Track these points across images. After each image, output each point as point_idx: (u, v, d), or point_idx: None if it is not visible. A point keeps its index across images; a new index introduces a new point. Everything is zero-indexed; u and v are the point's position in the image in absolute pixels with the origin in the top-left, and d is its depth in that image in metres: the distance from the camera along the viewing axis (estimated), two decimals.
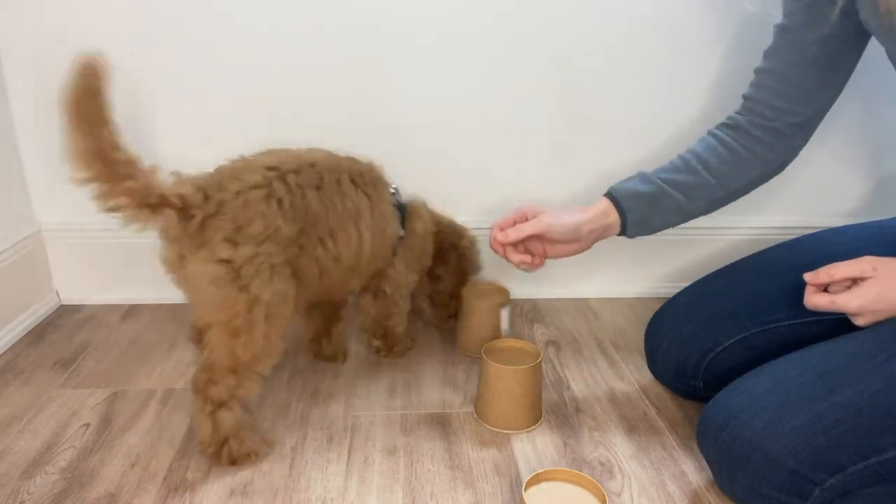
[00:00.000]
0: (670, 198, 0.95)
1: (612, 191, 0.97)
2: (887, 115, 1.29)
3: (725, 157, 0.96)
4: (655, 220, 0.97)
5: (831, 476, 0.70)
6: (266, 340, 0.82)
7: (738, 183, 0.97)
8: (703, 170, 0.96)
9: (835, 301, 0.78)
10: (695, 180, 0.96)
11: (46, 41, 1.14)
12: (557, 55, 1.21)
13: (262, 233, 0.80)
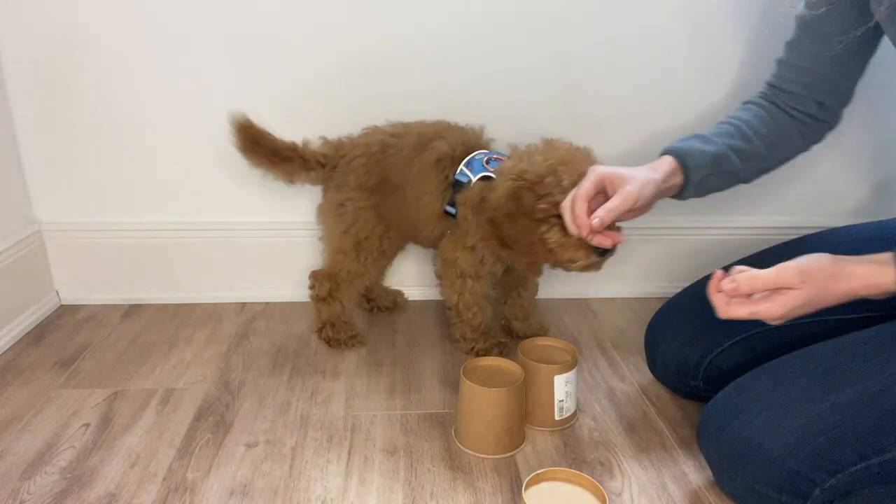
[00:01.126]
0: (730, 162, 0.94)
1: (676, 150, 0.93)
2: (887, 115, 1.29)
3: (773, 127, 0.96)
4: (711, 183, 0.95)
5: (831, 476, 0.70)
6: (356, 263, 1.11)
7: (783, 154, 0.98)
8: (755, 137, 0.95)
9: (755, 311, 0.74)
10: (749, 148, 0.95)
11: (46, 41, 1.14)
12: (557, 55, 1.20)
13: (354, 183, 1.07)
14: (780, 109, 0.97)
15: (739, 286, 0.75)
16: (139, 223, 1.27)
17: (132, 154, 1.22)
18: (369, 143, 1.08)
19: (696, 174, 0.92)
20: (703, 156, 0.92)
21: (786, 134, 0.97)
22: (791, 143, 0.99)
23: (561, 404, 0.94)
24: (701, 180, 0.93)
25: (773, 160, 0.98)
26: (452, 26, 1.18)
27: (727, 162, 0.94)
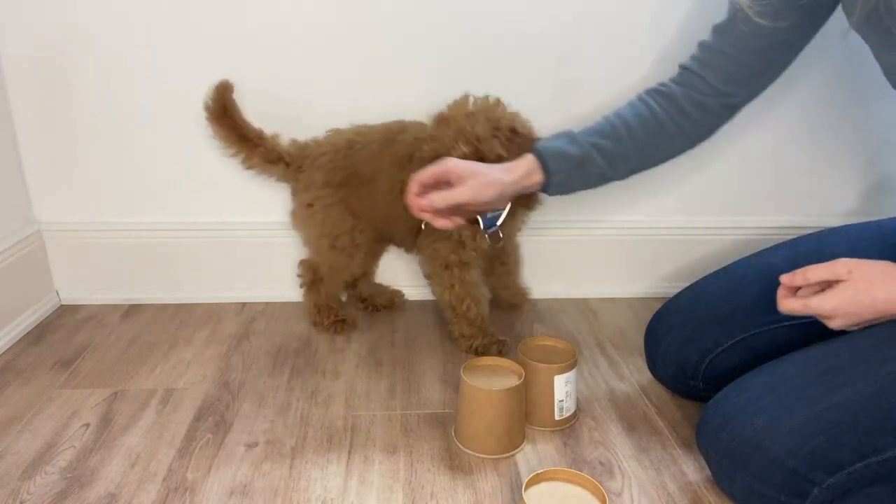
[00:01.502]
0: (595, 164, 0.97)
1: (539, 150, 0.97)
2: (886, 115, 1.29)
3: (653, 129, 0.97)
4: (576, 184, 0.99)
5: (830, 476, 0.70)
6: (333, 258, 1.14)
7: (658, 156, 1.01)
8: (628, 139, 0.97)
9: (808, 304, 0.77)
10: (620, 150, 0.97)
11: (46, 41, 1.14)
12: (557, 55, 1.20)
13: (320, 181, 1.11)
14: (675, 104, 0.97)
15: (794, 278, 0.79)
16: (139, 223, 1.27)
17: (132, 154, 1.22)
18: (335, 142, 1.11)
19: (557, 175, 0.96)
20: (565, 158, 0.96)
21: (666, 136, 0.98)
22: (672, 144, 1.00)
23: (561, 404, 0.94)
24: (563, 181, 0.97)
25: (646, 161, 1.01)
26: (452, 26, 1.18)
27: (591, 163, 0.97)
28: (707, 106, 0.97)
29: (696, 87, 0.97)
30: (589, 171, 0.97)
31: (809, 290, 0.79)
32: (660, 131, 0.98)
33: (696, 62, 0.98)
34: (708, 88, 0.96)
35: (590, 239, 1.34)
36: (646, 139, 0.97)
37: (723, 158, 1.30)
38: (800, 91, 1.25)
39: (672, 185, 1.32)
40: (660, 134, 0.98)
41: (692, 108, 0.97)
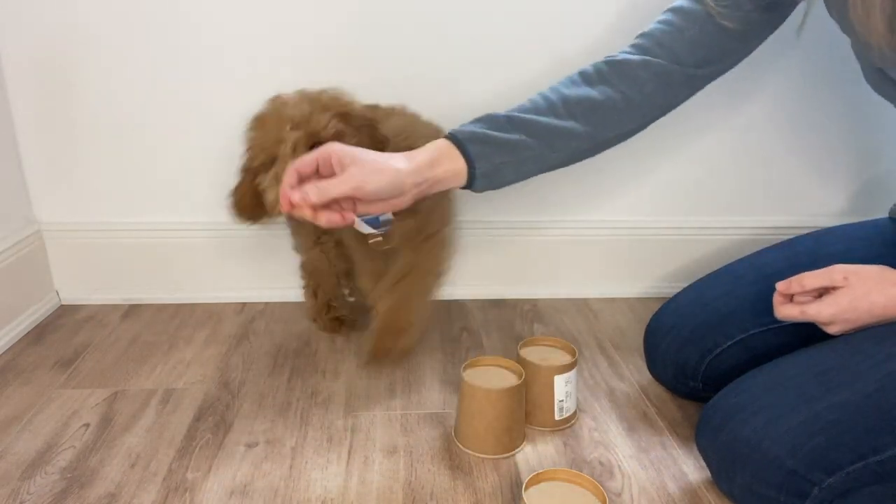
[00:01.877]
0: (528, 147, 0.81)
1: (453, 132, 0.81)
2: (883, 113, 1.29)
3: (598, 103, 0.83)
4: (509, 173, 0.82)
5: (830, 476, 0.70)
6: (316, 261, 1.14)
7: (606, 135, 0.86)
8: (567, 115, 0.82)
9: (805, 311, 0.78)
10: (560, 126, 0.82)
11: (46, 41, 1.14)
12: (557, 55, 1.21)
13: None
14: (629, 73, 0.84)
15: (790, 285, 0.79)
16: (139, 223, 1.27)
17: (132, 154, 1.22)
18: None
19: (482, 163, 0.79)
20: (486, 142, 0.79)
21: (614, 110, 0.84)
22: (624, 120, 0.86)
23: (561, 404, 0.94)
24: (491, 170, 0.81)
25: (594, 141, 0.85)
26: (452, 26, 1.18)
27: (525, 147, 0.81)
28: (668, 75, 0.85)
29: (655, 54, 0.86)
30: (523, 157, 0.81)
31: (806, 296, 0.80)
32: (606, 105, 0.84)
33: (661, 26, 0.87)
34: (669, 56, 0.85)
35: (590, 239, 1.34)
36: (590, 116, 0.83)
37: (722, 158, 1.30)
38: (797, 91, 1.25)
39: (672, 185, 1.32)
40: (607, 108, 0.84)
41: (651, 77, 0.85)
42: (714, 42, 0.88)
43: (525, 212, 1.32)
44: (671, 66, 0.86)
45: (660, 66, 0.86)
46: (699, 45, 0.87)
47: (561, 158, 0.85)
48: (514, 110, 0.84)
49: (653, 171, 1.30)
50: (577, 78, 0.88)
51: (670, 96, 0.89)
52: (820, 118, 1.28)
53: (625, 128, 0.88)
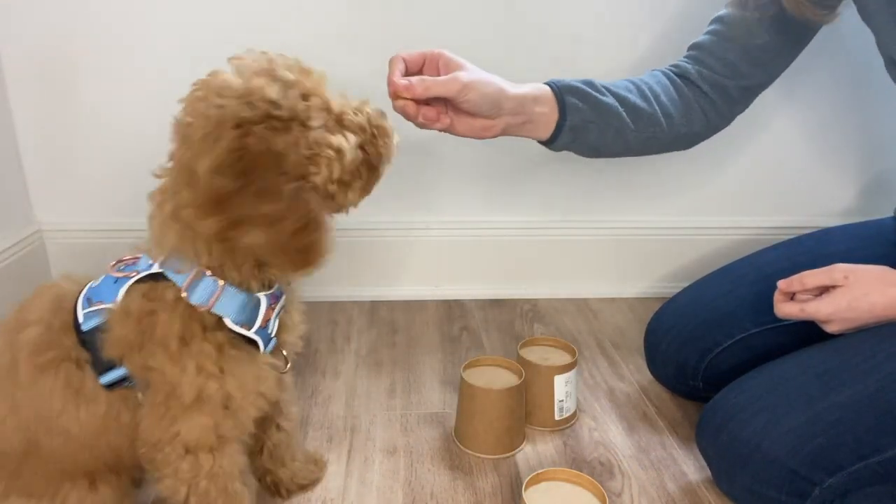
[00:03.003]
0: (618, 116, 0.83)
1: (554, 81, 0.81)
2: (884, 114, 1.29)
3: (675, 99, 0.90)
4: (593, 134, 0.83)
5: (830, 476, 0.70)
6: None
7: (680, 129, 0.89)
8: (654, 101, 0.87)
9: (805, 308, 0.78)
10: (647, 108, 0.86)
11: (47, 41, 1.14)
12: (557, 55, 1.21)
13: None
14: (691, 83, 0.90)
15: (791, 284, 0.80)
16: (139, 223, 1.26)
17: (132, 154, 1.22)
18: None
19: (574, 115, 0.80)
20: (586, 98, 0.81)
21: (686, 109, 0.89)
22: (690, 121, 0.90)
23: (561, 404, 0.94)
24: (579, 125, 0.81)
25: (669, 133, 0.88)
26: (452, 26, 1.18)
27: (615, 115, 0.83)
28: (724, 87, 0.91)
29: (709, 66, 0.90)
30: (609, 123, 0.83)
31: (806, 295, 0.80)
32: (683, 103, 0.89)
33: (711, 38, 0.92)
34: (723, 67, 0.90)
35: (590, 239, 1.34)
36: (670, 106, 0.88)
37: (722, 159, 1.30)
38: (798, 92, 1.25)
39: (672, 185, 1.32)
40: (683, 106, 0.89)
41: (709, 88, 0.90)
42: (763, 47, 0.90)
43: (525, 212, 1.32)
44: (725, 80, 0.91)
45: (715, 76, 0.91)
46: (750, 46, 0.90)
47: (640, 140, 0.87)
48: (608, 83, 0.86)
49: (653, 171, 1.30)
50: (656, 73, 0.92)
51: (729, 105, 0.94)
52: (822, 119, 1.28)
53: (694, 128, 0.91)
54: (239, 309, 0.62)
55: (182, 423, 0.61)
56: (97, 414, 0.62)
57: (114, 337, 0.61)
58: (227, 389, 0.61)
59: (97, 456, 0.64)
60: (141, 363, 0.61)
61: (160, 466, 0.63)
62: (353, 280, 1.32)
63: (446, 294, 1.35)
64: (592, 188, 1.31)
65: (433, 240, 1.32)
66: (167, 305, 0.61)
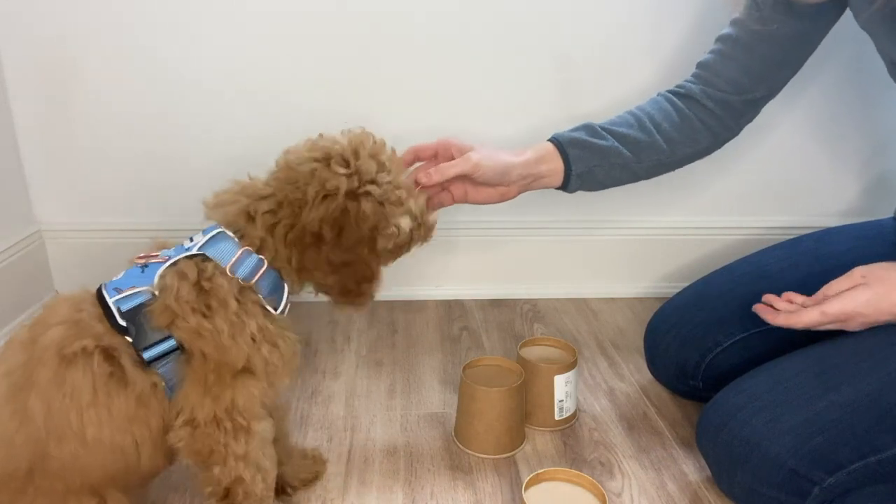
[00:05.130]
0: (619, 154, 0.90)
1: (556, 136, 0.90)
2: (885, 114, 1.29)
3: (677, 122, 0.93)
4: (600, 175, 0.91)
5: (830, 475, 0.70)
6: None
7: (685, 151, 0.94)
8: (655, 131, 0.92)
9: (826, 311, 0.76)
10: (646, 139, 0.91)
11: (47, 42, 1.14)
12: (557, 54, 1.21)
13: None
14: (695, 102, 0.94)
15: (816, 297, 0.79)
16: (139, 223, 1.26)
17: (132, 155, 1.22)
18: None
19: (578, 164, 0.88)
20: (584, 146, 0.89)
21: (690, 130, 0.94)
22: (696, 141, 0.94)
23: (561, 404, 0.94)
24: (586, 171, 0.89)
25: (675, 155, 0.94)
26: (453, 27, 1.18)
27: (615, 154, 0.90)
28: (729, 102, 0.93)
29: (714, 84, 0.94)
30: (613, 162, 0.90)
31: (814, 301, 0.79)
32: (684, 125, 0.93)
33: (713, 56, 0.95)
34: (726, 84, 0.93)
35: (590, 239, 1.34)
36: (671, 132, 0.92)
37: (722, 160, 1.29)
38: (799, 92, 1.25)
39: (672, 185, 1.31)
40: (686, 128, 0.93)
41: (714, 105, 0.93)
42: (766, 50, 0.91)
43: (525, 212, 1.32)
44: (729, 96, 0.93)
45: (719, 93, 0.93)
46: (751, 62, 0.92)
47: (646, 168, 0.93)
48: (607, 123, 0.92)
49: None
50: (658, 99, 0.96)
51: (735, 118, 0.96)
52: (822, 120, 1.28)
53: (700, 147, 0.96)
54: (273, 288, 0.69)
55: (234, 390, 0.64)
56: (129, 399, 0.63)
57: (165, 300, 0.64)
58: (273, 358, 0.67)
59: (112, 462, 0.64)
60: (195, 326, 0.63)
61: (207, 454, 0.65)
62: None
63: (446, 294, 1.35)
64: None
65: (434, 240, 1.31)
66: (222, 273, 0.66)
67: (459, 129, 1.24)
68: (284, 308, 0.71)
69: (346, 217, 0.67)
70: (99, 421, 0.62)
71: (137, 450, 0.65)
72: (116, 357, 0.63)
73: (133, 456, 0.65)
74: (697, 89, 0.94)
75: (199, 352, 0.64)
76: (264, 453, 0.69)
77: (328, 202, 0.67)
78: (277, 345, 0.67)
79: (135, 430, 0.64)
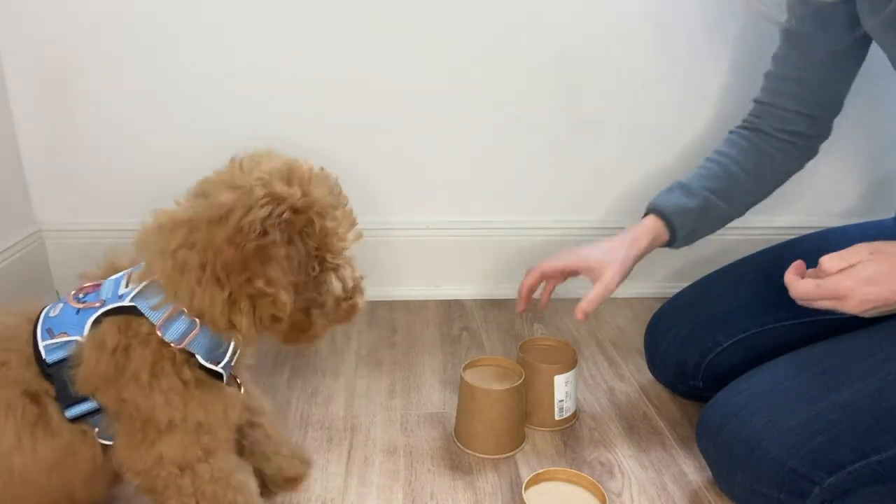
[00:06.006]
0: (716, 208, 0.95)
1: (659, 207, 0.95)
2: (887, 115, 1.29)
3: (757, 158, 0.96)
4: (701, 232, 0.97)
5: (830, 475, 0.70)
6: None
7: (772, 183, 0.99)
8: (740, 172, 0.96)
9: (822, 284, 0.72)
10: (734, 186, 0.96)
11: (47, 42, 1.14)
12: (557, 55, 1.21)
13: None
14: (767, 135, 0.97)
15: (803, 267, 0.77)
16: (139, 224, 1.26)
17: (132, 155, 1.22)
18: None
19: (682, 230, 0.94)
20: (686, 213, 0.94)
21: (772, 162, 0.97)
22: (780, 170, 0.99)
23: (561, 404, 0.94)
24: (689, 233, 0.96)
25: (762, 191, 1.00)
26: (453, 27, 1.18)
27: (713, 209, 0.95)
28: (797, 131, 0.96)
29: (778, 117, 0.96)
30: (711, 217, 0.96)
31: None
32: (764, 159, 0.97)
33: (767, 94, 0.98)
34: (789, 115, 0.96)
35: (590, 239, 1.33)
36: (755, 169, 0.96)
37: None
38: None
39: None
40: (767, 162, 0.97)
41: (786, 135, 0.96)
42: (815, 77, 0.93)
43: (525, 212, 1.32)
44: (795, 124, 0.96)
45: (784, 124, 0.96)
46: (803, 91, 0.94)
47: (738, 210, 0.99)
48: (698, 178, 0.97)
49: (654, 171, 1.30)
50: (732, 138, 0.99)
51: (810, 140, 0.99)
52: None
53: (785, 174, 1.00)
54: (211, 348, 0.65)
55: (161, 444, 0.64)
56: (56, 448, 0.63)
57: (87, 371, 0.62)
58: (196, 418, 0.64)
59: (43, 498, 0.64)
60: (115, 395, 0.62)
61: (162, 491, 0.66)
62: None
63: (446, 294, 1.35)
64: (592, 188, 1.31)
65: (433, 240, 1.32)
66: (141, 340, 0.62)
67: (460, 128, 1.25)
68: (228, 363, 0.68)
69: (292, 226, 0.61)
70: (24, 464, 0.62)
71: (70, 489, 0.65)
72: (44, 405, 0.62)
73: (64, 494, 0.65)
74: (764, 124, 0.97)
75: (126, 413, 0.63)
76: (223, 485, 0.67)
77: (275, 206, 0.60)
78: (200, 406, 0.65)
79: (62, 476, 0.64)
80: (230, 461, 0.69)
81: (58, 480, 0.64)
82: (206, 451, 0.66)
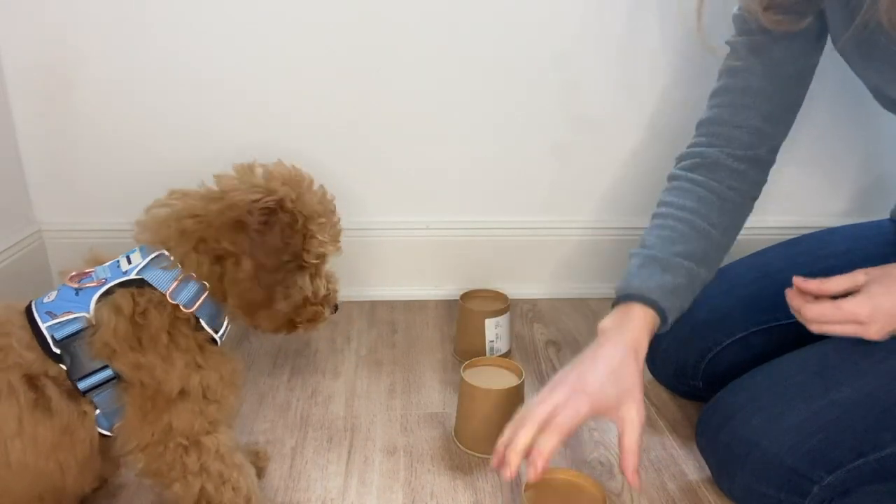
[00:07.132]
0: (697, 276, 0.85)
1: (643, 294, 0.83)
2: (884, 114, 1.29)
3: (720, 206, 0.87)
4: (686, 305, 0.86)
5: (830, 474, 0.70)
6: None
7: (737, 232, 0.91)
8: (710, 228, 0.86)
9: (841, 306, 0.71)
10: (708, 245, 0.86)
11: (47, 42, 1.14)
12: (557, 55, 1.21)
13: None
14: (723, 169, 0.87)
15: (808, 284, 0.74)
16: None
17: (132, 155, 1.22)
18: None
19: (672, 313, 0.83)
20: (674, 292, 0.83)
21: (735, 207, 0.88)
22: (743, 213, 0.91)
23: (491, 344, 1.06)
24: (678, 313, 0.85)
25: (730, 241, 0.90)
26: (452, 27, 1.18)
27: (696, 279, 0.85)
28: (757, 157, 0.88)
29: (735, 140, 0.87)
30: (695, 287, 0.86)
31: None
32: (727, 205, 0.87)
33: (723, 110, 0.89)
34: (749, 136, 0.87)
35: (590, 239, 1.34)
36: (721, 219, 0.86)
37: None
38: None
39: None
40: (729, 209, 0.87)
41: (745, 165, 0.87)
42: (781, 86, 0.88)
43: (525, 212, 1.32)
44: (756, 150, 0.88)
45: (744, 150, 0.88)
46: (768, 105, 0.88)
47: (714, 270, 0.89)
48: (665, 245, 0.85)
49: (654, 172, 1.30)
50: (685, 187, 0.88)
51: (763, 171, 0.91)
52: (822, 120, 1.28)
53: (744, 219, 0.92)
54: (213, 314, 0.70)
55: (170, 414, 0.66)
56: (54, 428, 0.63)
57: (106, 336, 0.64)
58: (207, 381, 0.68)
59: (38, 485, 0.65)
60: (133, 360, 0.64)
61: (167, 472, 0.67)
62: (353, 280, 1.32)
63: (446, 294, 1.35)
64: (592, 188, 1.31)
65: (433, 240, 1.32)
66: (156, 304, 0.67)
67: (460, 128, 1.25)
68: (223, 333, 0.72)
69: (274, 214, 0.68)
70: (24, 449, 0.62)
71: (63, 474, 0.65)
72: (41, 387, 0.63)
73: (59, 479, 0.66)
74: (720, 153, 0.87)
75: (139, 382, 0.65)
76: (227, 462, 0.69)
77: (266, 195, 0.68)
78: (213, 368, 0.69)
79: (60, 458, 0.64)
80: (231, 437, 0.72)
81: (54, 464, 0.64)
82: (212, 423, 0.69)
